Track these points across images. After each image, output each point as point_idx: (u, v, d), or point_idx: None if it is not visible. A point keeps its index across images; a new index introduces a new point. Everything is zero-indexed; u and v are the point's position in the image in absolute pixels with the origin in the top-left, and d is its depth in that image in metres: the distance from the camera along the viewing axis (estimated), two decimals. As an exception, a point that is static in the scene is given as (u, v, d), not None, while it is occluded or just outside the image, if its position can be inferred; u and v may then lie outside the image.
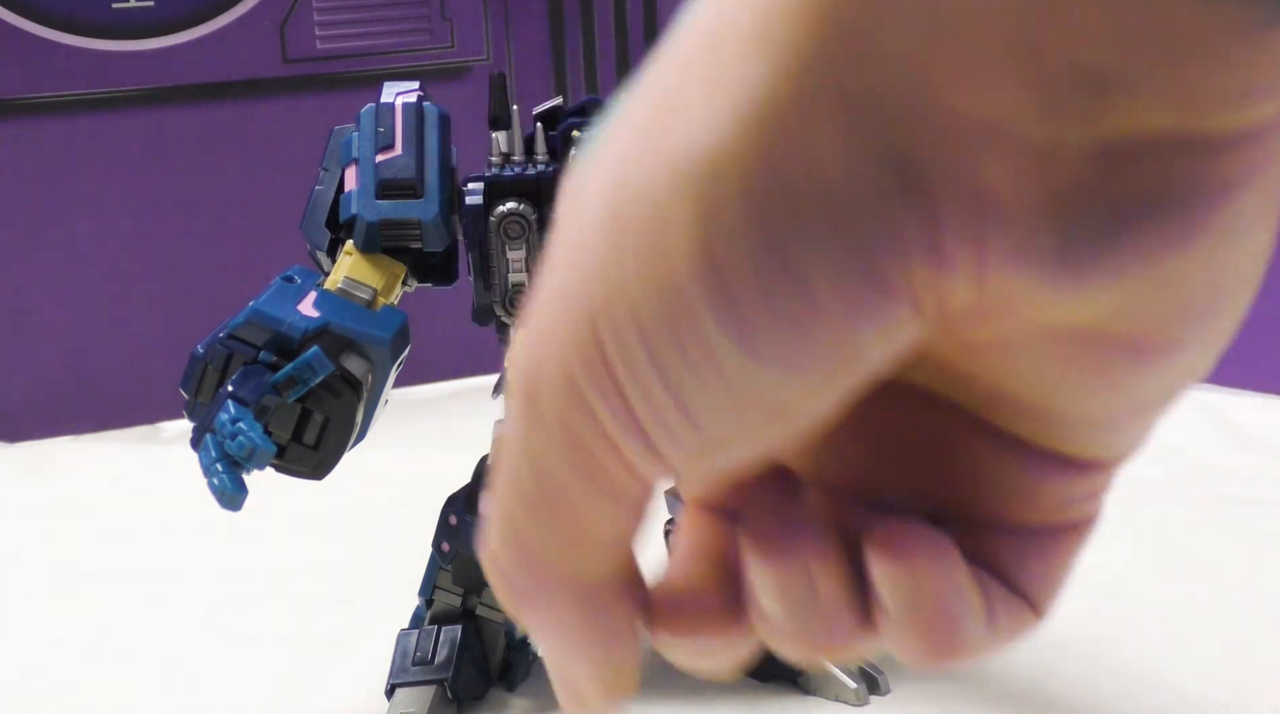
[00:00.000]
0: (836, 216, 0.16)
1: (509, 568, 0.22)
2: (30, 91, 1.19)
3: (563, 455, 0.19)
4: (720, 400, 0.18)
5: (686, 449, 0.18)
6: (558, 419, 0.19)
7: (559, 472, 0.19)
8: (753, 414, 0.18)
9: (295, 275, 0.64)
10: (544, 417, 0.19)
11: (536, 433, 0.19)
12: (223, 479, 0.56)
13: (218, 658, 0.79)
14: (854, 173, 0.16)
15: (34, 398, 1.24)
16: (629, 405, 0.18)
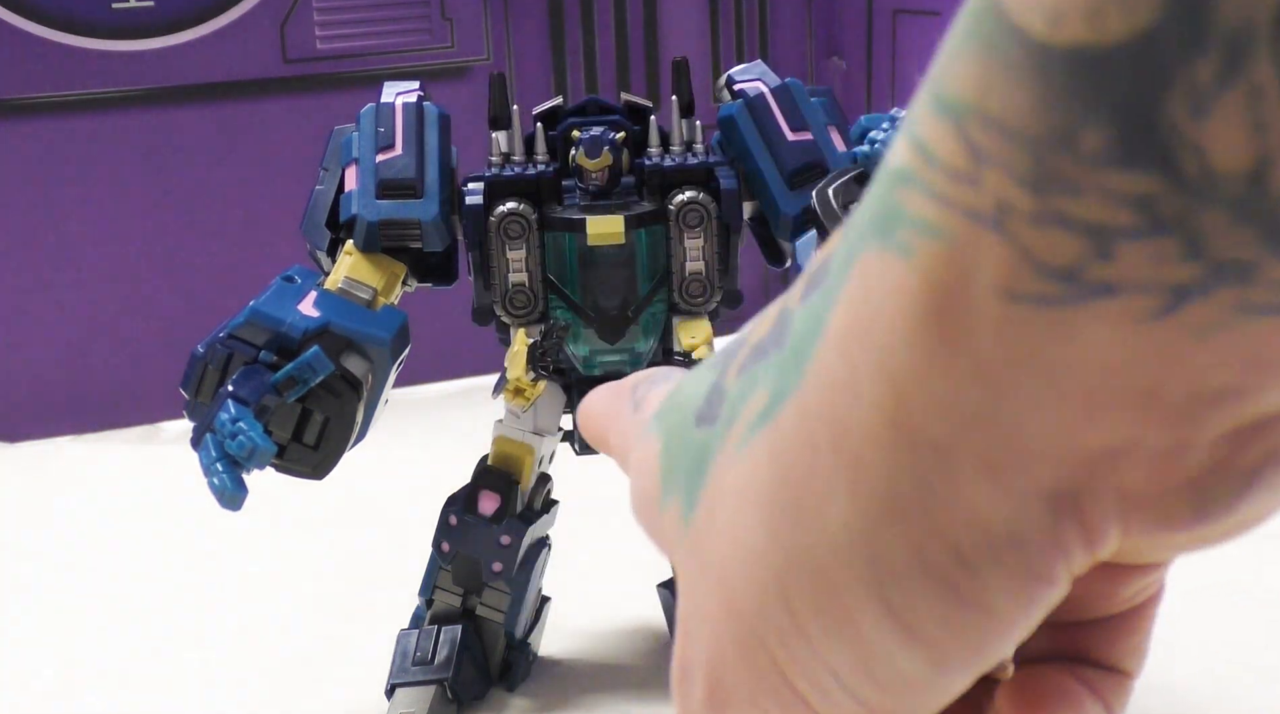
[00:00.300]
0: (1002, 551, 0.18)
1: None
2: (30, 91, 1.19)
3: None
4: (902, 700, 0.20)
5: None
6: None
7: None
8: (926, 699, 0.20)
9: (295, 275, 0.64)
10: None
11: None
12: (223, 479, 0.56)
13: (218, 658, 0.79)
14: (1009, 514, 0.18)
15: (34, 398, 1.24)
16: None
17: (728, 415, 0.21)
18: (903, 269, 0.18)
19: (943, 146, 0.17)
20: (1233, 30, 0.14)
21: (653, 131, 0.67)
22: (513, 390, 0.66)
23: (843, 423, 0.19)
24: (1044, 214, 0.16)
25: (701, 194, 0.65)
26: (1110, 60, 0.15)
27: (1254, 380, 0.17)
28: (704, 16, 1.37)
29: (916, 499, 0.18)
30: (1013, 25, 0.16)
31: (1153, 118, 0.15)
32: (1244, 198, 0.15)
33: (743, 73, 0.68)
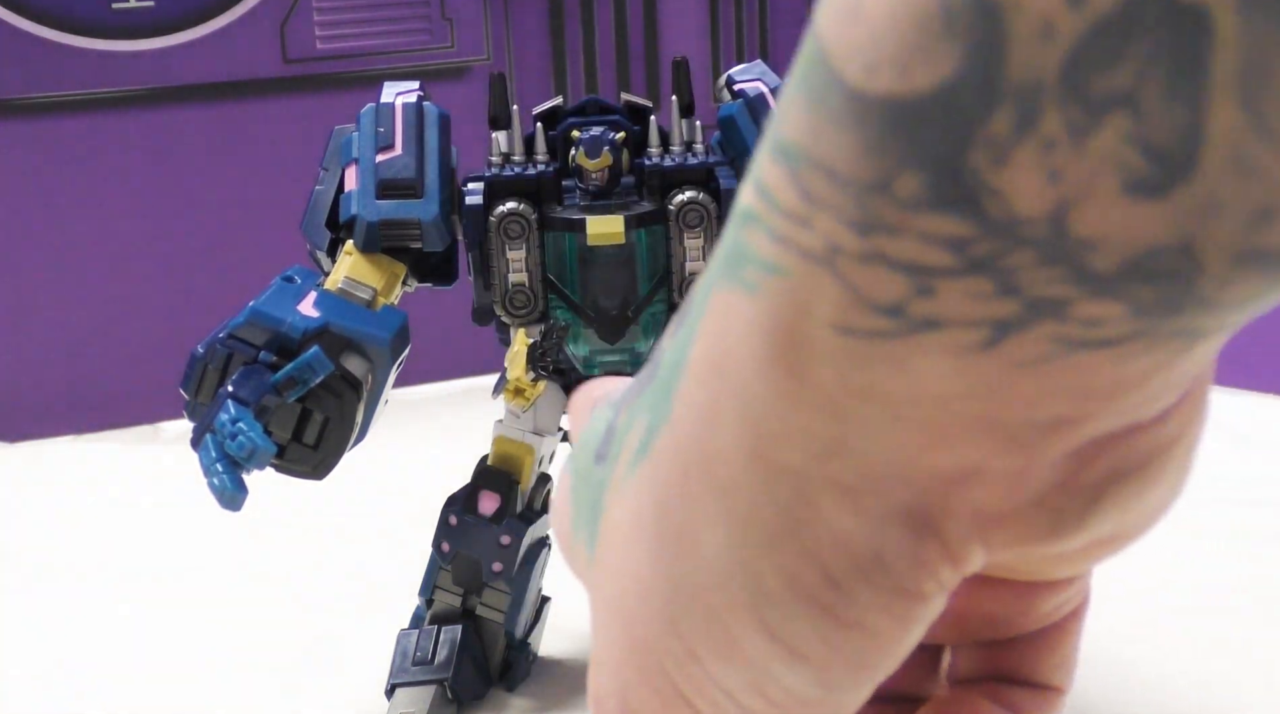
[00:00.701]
0: (869, 570, 0.19)
1: None
2: (30, 91, 1.19)
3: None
4: None
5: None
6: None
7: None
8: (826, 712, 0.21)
9: (295, 275, 0.64)
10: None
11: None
12: (223, 479, 0.56)
13: (217, 658, 0.79)
14: (870, 535, 0.19)
15: (34, 398, 1.24)
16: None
17: (614, 451, 0.22)
18: (749, 305, 0.19)
19: (780, 190, 0.18)
20: (1023, 86, 0.15)
21: (653, 131, 0.67)
22: (513, 390, 0.66)
23: (709, 454, 0.20)
24: (869, 254, 0.17)
25: (701, 194, 0.65)
26: (918, 110, 0.16)
27: (1084, 408, 0.18)
28: (704, 16, 1.37)
29: (782, 525, 0.19)
30: (836, 75, 0.17)
31: (958, 165, 0.16)
32: (1048, 239, 0.16)
33: (743, 73, 0.68)
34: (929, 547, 0.19)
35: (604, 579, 0.22)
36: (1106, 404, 0.18)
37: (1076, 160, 0.15)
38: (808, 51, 0.17)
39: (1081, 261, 0.16)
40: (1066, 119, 0.15)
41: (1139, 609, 0.79)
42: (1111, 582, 0.82)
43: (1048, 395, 0.18)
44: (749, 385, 0.19)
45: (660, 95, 1.31)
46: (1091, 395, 0.18)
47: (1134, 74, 0.15)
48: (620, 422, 0.22)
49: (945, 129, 0.16)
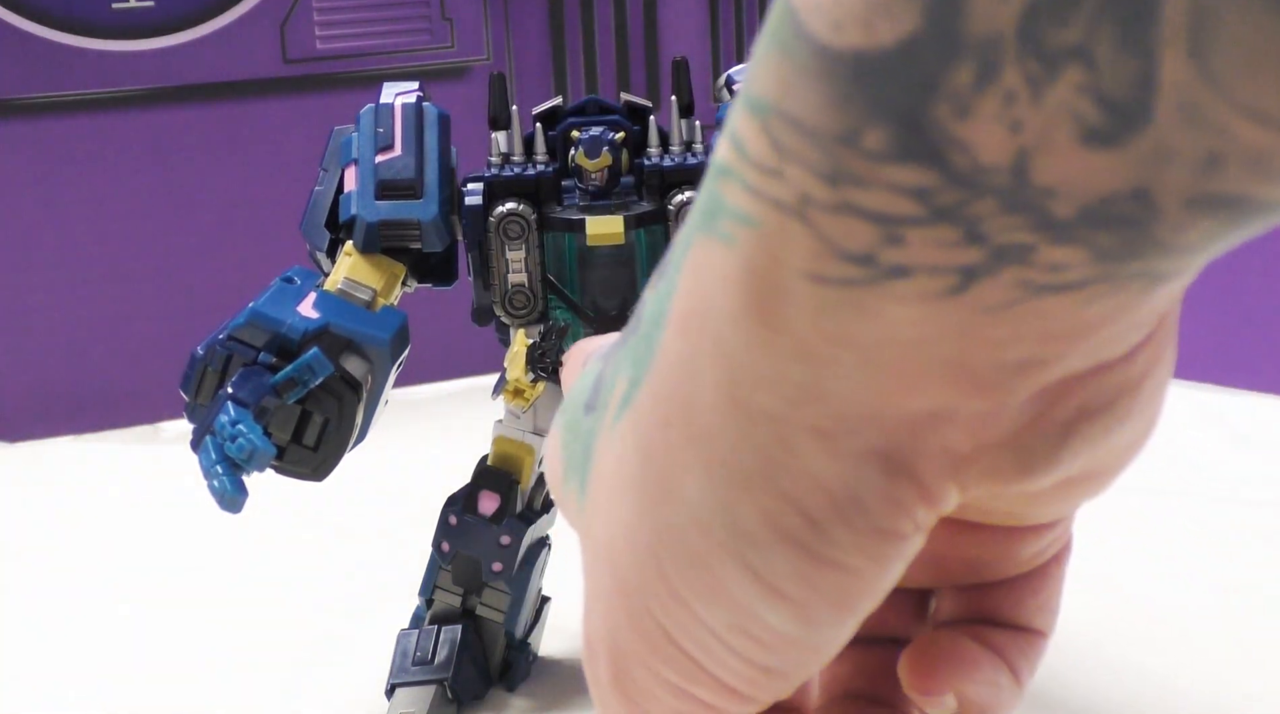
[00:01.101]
0: (846, 511, 0.19)
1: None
2: (30, 91, 1.19)
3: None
4: (785, 656, 0.21)
5: (765, 692, 0.22)
6: (658, 705, 0.22)
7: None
8: (807, 652, 0.21)
9: (295, 276, 0.64)
10: (642, 704, 0.22)
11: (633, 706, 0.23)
12: (223, 481, 0.56)
13: (217, 658, 0.79)
14: (846, 477, 0.19)
15: (34, 398, 1.24)
16: (716, 679, 0.21)
17: (602, 401, 0.23)
18: (725, 255, 0.19)
19: (752, 142, 0.18)
20: (983, 40, 0.16)
21: (652, 132, 0.67)
22: (512, 391, 0.66)
23: (689, 401, 0.20)
24: (839, 204, 0.18)
25: (701, 194, 0.65)
26: (883, 65, 0.16)
27: (1050, 350, 0.19)
28: (704, 16, 1.37)
29: (761, 468, 0.20)
30: (804, 30, 0.17)
31: (922, 118, 0.16)
32: (1010, 188, 0.16)
33: (742, 73, 0.68)
34: (904, 486, 0.19)
35: (593, 526, 0.23)
36: (1072, 345, 0.19)
37: (1035, 112, 0.16)
38: (778, 8, 0.18)
39: (1043, 209, 0.17)
40: (1025, 72, 0.16)
41: (1139, 609, 0.79)
42: (1112, 581, 0.82)
43: (1014, 338, 0.18)
44: (725, 334, 0.19)
45: (660, 95, 1.31)
46: (1057, 337, 0.18)
47: (1086, 27, 0.15)
48: (607, 373, 0.23)
49: (909, 83, 0.16)
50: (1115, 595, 0.81)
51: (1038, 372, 0.19)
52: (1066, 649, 0.73)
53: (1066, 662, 0.72)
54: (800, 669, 0.21)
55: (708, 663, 0.21)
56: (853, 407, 0.19)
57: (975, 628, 0.25)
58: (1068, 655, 0.73)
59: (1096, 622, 0.77)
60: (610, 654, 0.23)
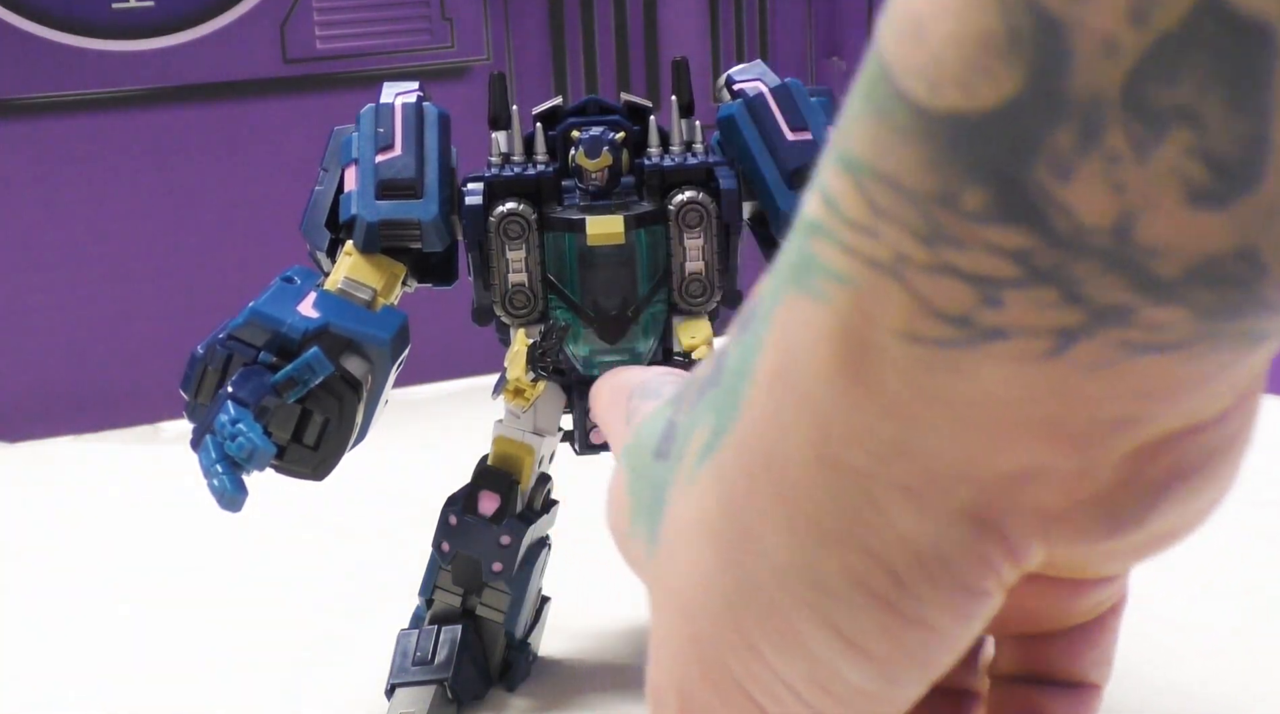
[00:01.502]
0: (932, 568, 0.19)
1: None
2: (30, 91, 1.19)
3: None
4: (858, 710, 0.21)
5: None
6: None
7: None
8: (883, 707, 0.21)
9: (295, 276, 0.64)
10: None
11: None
12: (223, 480, 0.56)
13: (217, 658, 0.79)
14: (934, 534, 0.19)
15: (34, 398, 1.24)
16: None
17: (678, 450, 0.23)
18: (817, 312, 0.19)
19: (846, 200, 0.18)
20: (1087, 101, 0.15)
21: (652, 131, 0.67)
22: (512, 391, 0.66)
23: (776, 457, 0.20)
24: (936, 265, 0.17)
25: (701, 194, 0.65)
26: (983, 127, 0.16)
27: (1146, 408, 0.18)
28: (704, 16, 1.37)
29: (848, 525, 0.19)
30: (899, 90, 0.17)
31: (1023, 180, 0.16)
32: (1112, 249, 0.16)
33: (742, 73, 0.68)
34: (991, 544, 0.19)
35: (666, 574, 0.22)
36: (1169, 404, 0.18)
37: (1140, 173, 0.16)
38: (871, 68, 0.18)
39: (1145, 269, 0.16)
40: (1129, 134, 0.15)
41: (1140, 609, 0.79)
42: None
43: (1111, 397, 0.18)
44: (816, 391, 0.19)
45: (660, 95, 1.31)
46: (1154, 396, 0.18)
47: (1195, 89, 0.15)
48: (682, 422, 0.23)
49: (1009, 144, 0.16)
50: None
51: (1133, 430, 0.19)
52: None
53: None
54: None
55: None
56: (944, 465, 0.19)
57: (1039, 687, 0.25)
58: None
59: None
60: (680, 702, 0.22)
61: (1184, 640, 0.75)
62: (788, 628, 0.20)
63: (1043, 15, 0.15)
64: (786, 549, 0.20)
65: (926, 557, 0.19)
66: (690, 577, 0.22)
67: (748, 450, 0.20)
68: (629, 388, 0.29)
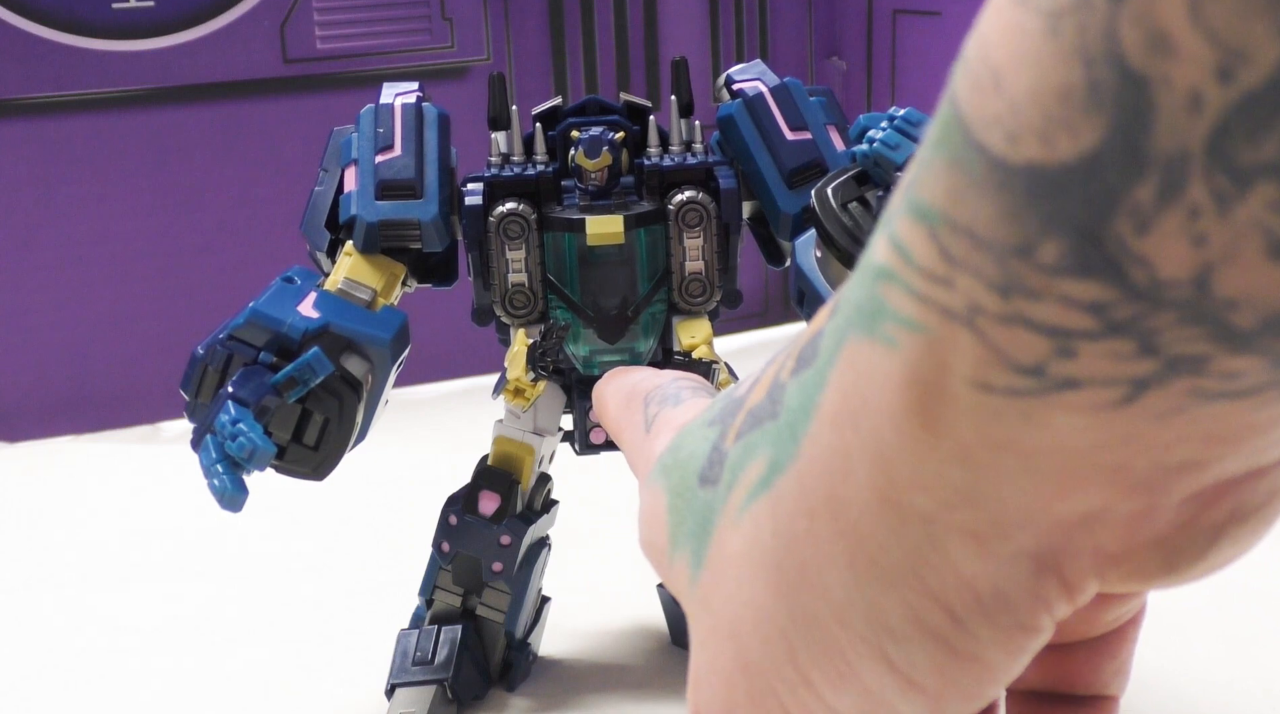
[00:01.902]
0: (991, 609, 0.20)
1: None
2: (30, 91, 1.19)
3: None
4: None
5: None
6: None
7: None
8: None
9: (295, 276, 0.64)
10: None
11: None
12: (223, 480, 0.56)
13: (218, 658, 0.79)
14: (995, 577, 0.20)
15: (34, 398, 1.24)
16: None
17: (728, 479, 0.23)
18: (887, 359, 0.19)
19: (919, 249, 0.18)
20: (1169, 156, 0.15)
21: (652, 131, 0.67)
22: (512, 390, 0.66)
23: (838, 496, 0.20)
24: (1011, 316, 0.17)
25: (701, 194, 0.65)
26: (1061, 179, 0.16)
27: (1212, 452, 0.18)
28: (704, 16, 1.37)
29: (909, 565, 0.20)
30: (975, 141, 0.17)
31: (1101, 233, 0.16)
32: (1191, 301, 0.16)
33: (741, 72, 0.68)
34: (1050, 585, 0.20)
35: (715, 603, 0.23)
36: (1235, 448, 0.19)
37: (1222, 227, 0.16)
38: (944, 116, 0.18)
39: (1223, 321, 0.16)
40: (1212, 188, 0.15)
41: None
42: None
43: (1179, 443, 0.18)
44: (883, 434, 0.19)
45: (660, 96, 1.31)
46: (1222, 442, 0.18)
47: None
48: (732, 451, 0.23)
49: (1088, 197, 0.16)
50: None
51: (1197, 474, 0.19)
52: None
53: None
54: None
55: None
56: (1009, 510, 0.19)
57: (1059, 707, 0.25)
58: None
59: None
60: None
61: (1184, 640, 0.75)
62: (843, 662, 0.21)
63: (1126, 70, 0.15)
64: (845, 587, 0.20)
65: (986, 597, 0.20)
66: (742, 608, 0.22)
67: (808, 488, 0.21)
68: (643, 393, 0.30)
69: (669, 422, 0.27)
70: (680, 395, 0.28)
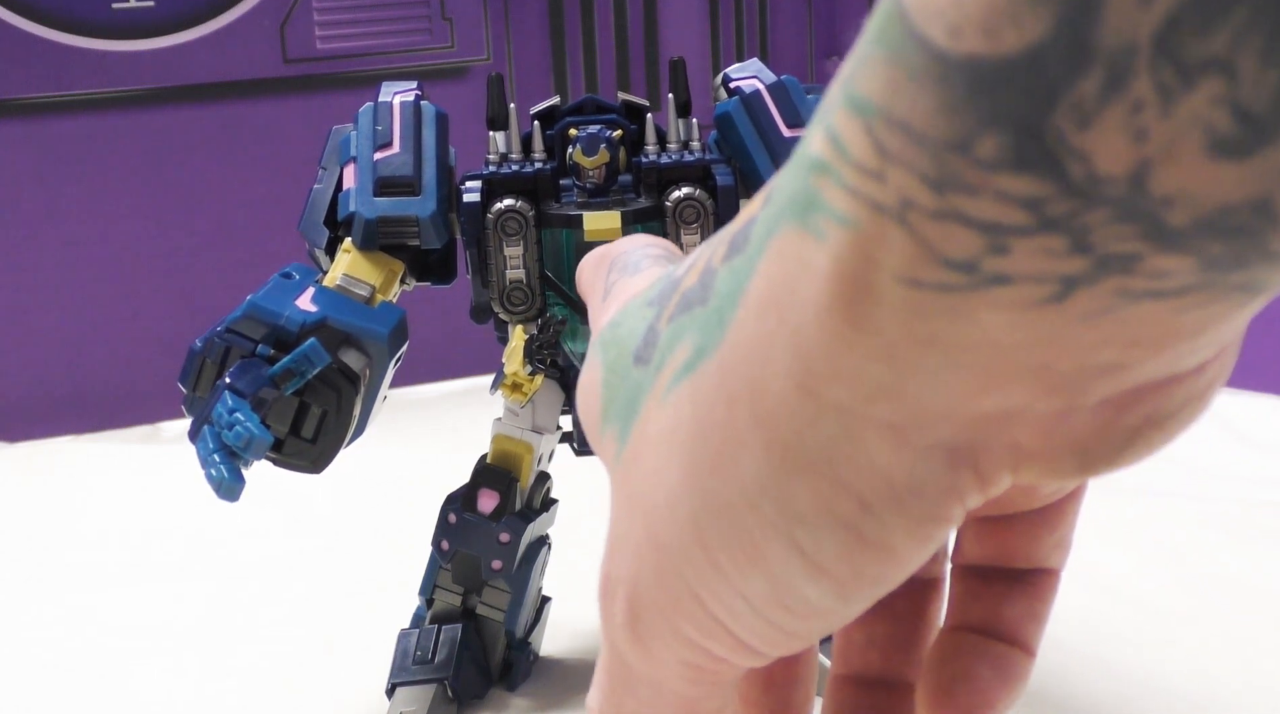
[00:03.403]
0: (903, 499, 0.20)
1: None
2: (30, 91, 1.19)
3: (678, 674, 0.23)
4: (813, 624, 0.22)
5: (781, 651, 0.22)
6: (668, 652, 0.23)
7: (674, 686, 0.23)
8: (834, 619, 0.22)
9: (294, 272, 0.64)
10: (652, 649, 0.23)
11: (648, 663, 0.23)
12: (220, 470, 0.56)
13: (218, 657, 0.79)
14: (910, 468, 0.20)
15: (34, 398, 1.24)
16: (735, 638, 0.22)
17: (658, 361, 0.23)
18: (816, 251, 0.19)
19: (853, 142, 0.18)
20: (1115, 49, 0.15)
21: (649, 130, 0.67)
22: (510, 385, 0.66)
23: (757, 383, 0.20)
24: (944, 211, 0.17)
25: (698, 191, 0.65)
26: (1003, 72, 0.16)
27: (1135, 355, 0.19)
28: (704, 16, 1.37)
29: (823, 454, 0.20)
30: (917, 33, 0.17)
31: (1042, 127, 0.16)
32: (1126, 198, 0.16)
33: (739, 71, 0.68)
34: (964, 476, 0.20)
35: (633, 478, 0.23)
36: (1156, 352, 0.19)
37: (1163, 122, 0.15)
38: (886, 8, 0.17)
39: (1156, 218, 0.16)
40: (1157, 82, 0.15)
41: (1140, 610, 0.79)
42: (1112, 582, 0.82)
43: (1103, 344, 0.18)
44: (805, 326, 0.19)
45: (660, 95, 1.31)
46: (1145, 344, 0.18)
47: (1231, 38, 0.15)
48: (664, 332, 0.23)
49: (1030, 91, 0.16)
50: (1114, 595, 0.81)
51: (1116, 377, 0.19)
52: (1065, 648, 0.73)
53: (1065, 662, 0.72)
54: (821, 633, 0.22)
55: (733, 626, 0.22)
56: (929, 405, 0.19)
57: (993, 586, 0.26)
58: (1066, 655, 0.73)
59: (1096, 622, 0.77)
60: (629, 598, 0.23)
61: (1185, 640, 0.75)
62: (752, 547, 0.21)
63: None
64: (758, 473, 0.20)
65: (898, 487, 0.20)
66: (656, 488, 0.22)
67: (729, 373, 0.21)
68: (610, 259, 0.30)
69: (623, 291, 0.27)
70: (640, 264, 0.29)
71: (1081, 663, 0.72)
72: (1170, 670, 0.71)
